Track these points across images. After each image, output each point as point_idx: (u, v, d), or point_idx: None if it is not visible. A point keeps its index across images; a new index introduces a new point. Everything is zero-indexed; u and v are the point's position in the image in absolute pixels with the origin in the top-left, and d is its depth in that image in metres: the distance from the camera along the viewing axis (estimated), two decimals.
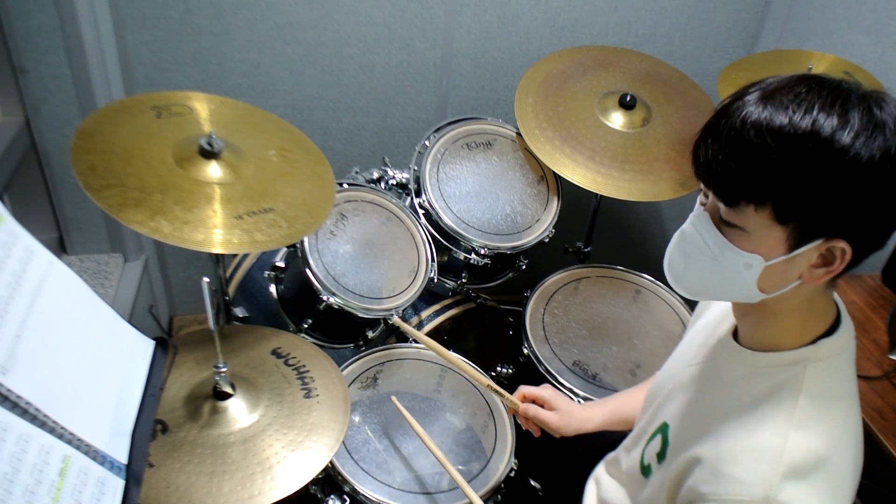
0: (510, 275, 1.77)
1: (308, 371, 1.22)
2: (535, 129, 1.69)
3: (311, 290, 1.40)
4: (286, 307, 1.51)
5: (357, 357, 1.49)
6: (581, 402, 1.47)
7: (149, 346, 0.91)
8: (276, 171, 1.30)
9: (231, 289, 1.61)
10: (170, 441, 1.04)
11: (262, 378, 1.18)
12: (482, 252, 1.61)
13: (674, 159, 1.69)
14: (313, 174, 1.35)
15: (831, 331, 0.82)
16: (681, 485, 0.85)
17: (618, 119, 1.72)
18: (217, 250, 1.11)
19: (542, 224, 1.68)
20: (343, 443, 1.24)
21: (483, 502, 1.20)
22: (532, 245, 1.66)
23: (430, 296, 1.72)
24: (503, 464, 1.35)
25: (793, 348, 0.82)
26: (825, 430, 0.77)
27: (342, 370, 1.44)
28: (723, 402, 0.86)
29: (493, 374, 1.69)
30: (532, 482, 1.38)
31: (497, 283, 1.77)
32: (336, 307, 1.40)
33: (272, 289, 1.51)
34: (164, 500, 0.96)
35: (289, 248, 1.48)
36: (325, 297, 1.39)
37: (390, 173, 1.71)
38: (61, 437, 0.70)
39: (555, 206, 1.71)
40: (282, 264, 1.48)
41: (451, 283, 1.70)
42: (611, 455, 1.17)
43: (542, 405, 1.24)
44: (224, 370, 1.08)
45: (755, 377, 0.84)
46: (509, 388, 1.66)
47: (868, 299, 1.57)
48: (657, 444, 0.96)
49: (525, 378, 1.61)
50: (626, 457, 1.08)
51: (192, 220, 1.11)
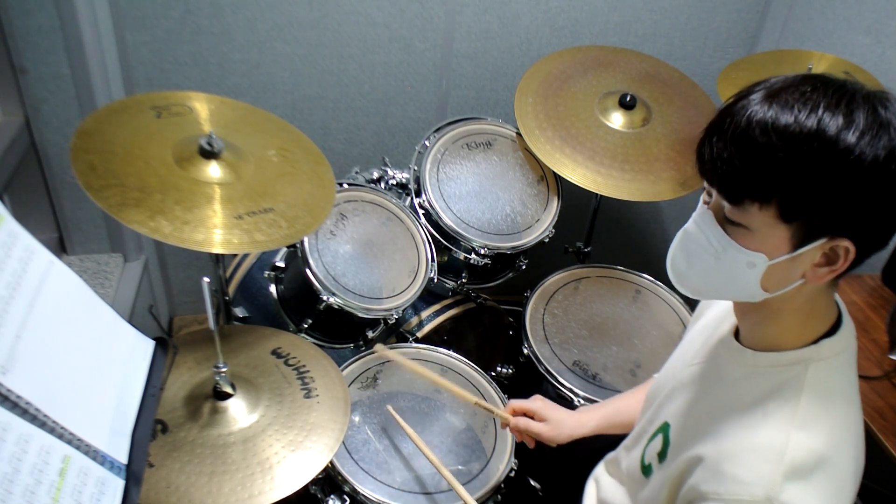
0: (510, 275, 1.77)
1: (308, 371, 1.22)
2: (535, 129, 1.69)
3: (311, 290, 1.40)
4: (286, 307, 1.51)
5: (357, 357, 1.49)
6: (581, 402, 1.47)
7: (149, 346, 0.91)
8: (276, 171, 1.30)
9: (231, 289, 1.61)
10: (170, 441, 1.04)
11: (262, 378, 1.18)
12: (482, 252, 1.61)
13: (674, 159, 1.69)
14: (313, 174, 1.35)
15: (832, 331, 0.82)
16: (682, 484, 0.85)
17: (618, 119, 1.72)
18: (217, 250, 1.11)
19: (542, 224, 1.68)
20: (343, 443, 1.24)
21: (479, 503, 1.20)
22: (532, 245, 1.66)
23: (430, 296, 1.72)
24: (503, 464, 1.35)
25: (794, 348, 0.82)
26: (827, 430, 0.77)
27: (342, 370, 1.44)
28: (724, 401, 0.86)
29: (493, 374, 1.69)
30: (532, 482, 1.38)
31: (497, 283, 1.77)
32: (336, 307, 1.40)
33: (272, 289, 1.51)
34: (164, 500, 0.96)
35: (289, 248, 1.48)
36: (325, 297, 1.39)
37: (390, 173, 1.71)
38: (61, 437, 0.70)
39: (555, 206, 1.71)
40: (282, 264, 1.48)
41: (451, 283, 1.70)
42: (611, 455, 1.17)
43: (532, 417, 1.24)
44: (224, 370, 1.08)
45: (756, 377, 0.84)
46: (510, 388, 1.67)
47: (868, 299, 1.57)
48: (658, 443, 0.96)
49: (525, 378, 1.61)
50: (627, 456, 1.08)
51: (192, 220, 1.11)
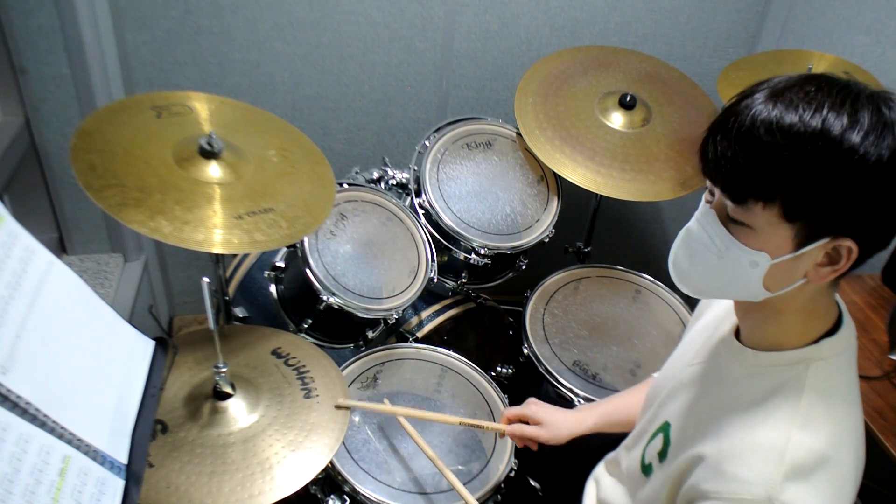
0: (510, 275, 1.77)
1: (308, 371, 1.22)
2: (535, 129, 1.69)
3: (311, 290, 1.40)
4: (286, 307, 1.51)
5: (357, 357, 1.49)
6: (581, 402, 1.47)
7: (149, 346, 0.91)
8: (276, 171, 1.30)
9: (231, 289, 1.61)
10: (170, 441, 1.04)
11: (262, 378, 1.18)
12: (482, 252, 1.61)
13: (674, 159, 1.69)
14: (313, 174, 1.35)
15: (833, 330, 0.82)
16: (682, 483, 0.85)
17: (618, 119, 1.72)
18: (217, 250, 1.11)
19: (542, 224, 1.68)
20: (343, 443, 1.24)
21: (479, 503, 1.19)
22: (532, 245, 1.66)
23: (430, 296, 1.72)
24: (503, 464, 1.35)
25: (795, 347, 0.82)
26: (828, 429, 0.77)
27: (342, 370, 1.44)
28: (725, 401, 0.86)
29: (493, 374, 1.69)
30: (532, 482, 1.38)
31: (497, 283, 1.77)
32: (336, 307, 1.40)
33: (272, 289, 1.51)
34: (164, 500, 0.96)
35: (289, 248, 1.48)
36: (325, 297, 1.39)
37: (390, 173, 1.71)
38: (61, 437, 0.70)
39: (555, 206, 1.71)
40: (282, 264, 1.48)
41: (451, 283, 1.70)
42: (611, 455, 1.17)
43: (527, 422, 1.24)
44: (224, 370, 1.08)
45: (757, 376, 0.84)
46: (509, 388, 1.67)
47: (868, 299, 1.57)
48: (658, 443, 0.96)
49: (525, 378, 1.61)
50: (627, 456, 1.08)
51: (192, 220, 1.11)
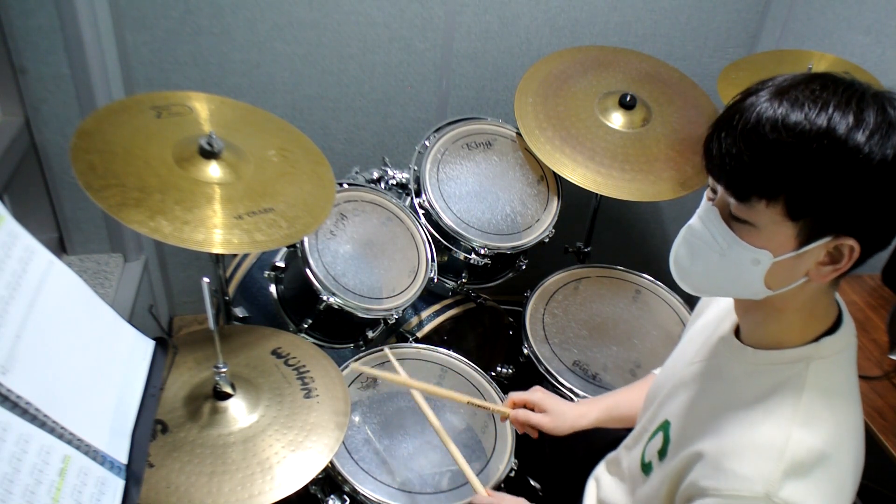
0: (510, 275, 1.77)
1: (308, 371, 1.22)
2: (535, 129, 1.69)
3: (311, 290, 1.40)
4: (286, 307, 1.51)
5: (357, 357, 1.49)
6: (576, 400, 1.47)
7: (149, 346, 0.91)
8: (276, 171, 1.30)
9: (231, 289, 1.61)
10: (170, 441, 1.04)
11: (262, 378, 1.18)
12: (482, 252, 1.61)
13: (674, 159, 1.69)
14: (313, 174, 1.35)
15: (833, 329, 0.83)
16: (681, 480, 0.85)
17: (618, 119, 1.72)
18: (217, 250, 1.11)
19: (542, 224, 1.68)
20: (343, 443, 1.24)
21: (478, 480, 1.18)
22: (532, 245, 1.66)
23: (430, 296, 1.72)
24: (503, 464, 1.35)
25: (795, 346, 0.82)
26: (828, 427, 0.77)
27: (342, 370, 1.44)
28: (725, 399, 0.86)
29: (493, 374, 1.69)
30: (532, 482, 1.38)
31: (497, 283, 1.77)
32: (336, 307, 1.40)
33: (272, 289, 1.51)
34: (164, 500, 0.96)
35: (289, 248, 1.48)
36: (325, 297, 1.39)
37: (390, 173, 1.71)
38: (61, 437, 0.70)
39: (555, 206, 1.71)
40: (282, 264, 1.48)
41: (451, 283, 1.70)
42: (611, 454, 1.17)
43: (532, 409, 1.24)
44: (224, 370, 1.08)
45: (757, 374, 0.84)
46: (510, 388, 1.67)
47: (868, 299, 1.57)
48: (658, 441, 0.96)
49: (525, 378, 1.61)
50: (627, 455, 1.08)
51: (192, 220, 1.11)
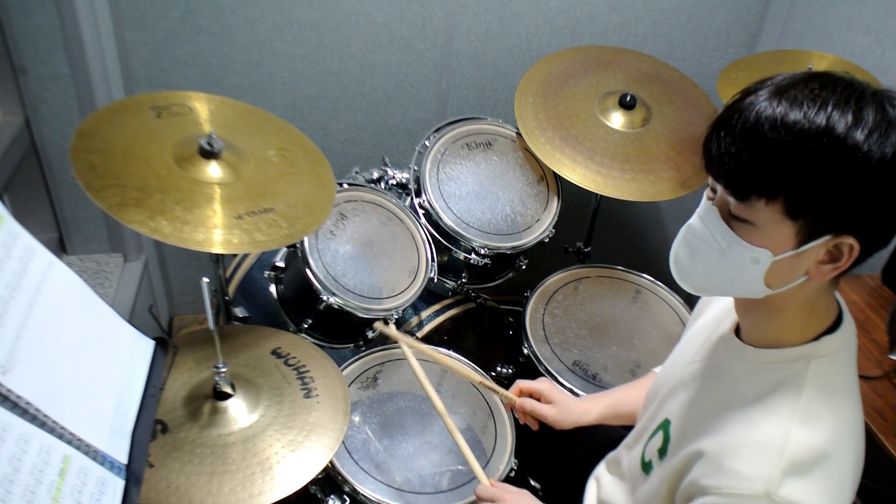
0: (510, 275, 1.77)
1: (308, 371, 1.22)
2: (535, 129, 1.69)
3: (311, 290, 1.40)
4: (286, 307, 1.51)
5: (357, 357, 1.49)
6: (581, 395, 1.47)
7: (149, 346, 0.91)
8: (276, 171, 1.30)
9: (231, 289, 1.61)
10: (170, 441, 1.04)
11: (262, 378, 1.18)
12: (482, 252, 1.61)
13: (674, 159, 1.69)
14: (313, 174, 1.35)
15: (833, 328, 0.83)
16: (681, 479, 0.85)
17: (618, 119, 1.72)
18: (217, 250, 1.11)
19: (542, 224, 1.68)
20: (343, 443, 1.24)
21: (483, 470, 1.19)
22: (532, 245, 1.66)
23: (430, 296, 1.72)
24: (503, 464, 1.35)
25: (796, 345, 0.82)
26: (828, 426, 0.77)
27: (342, 370, 1.44)
28: (725, 397, 0.86)
29: (493, 374, 1.69)
30: (532, 482, 1.38)
31: (497, 283, 1.77)
32: (336, 307, 1.40)
33: (272, 289, 1.51)
34: (164, 500, 0.96)
35: (289, 248, 1.48)
36: (325, 297, 1.39)
37: (390, 173, 1.71)
38: (61, 437, 0.70)
39: (555, 206, 1.71)
40: (282, 264, 1.48)
41: (451, 283, 1.70)
42: (612, 454, 1.17)
43: (538, 399, 1.25)
44: (224, 370, 1.08)
45: (758, 373, 0.84)
46: (509, 388, 1.66)
47: (868, 299, 1.57)
48: (658, 440, 0.96)
49: (525, 378, 1.61)
50: (627, 455, 1.08)
51: (192, 220, 1.11)
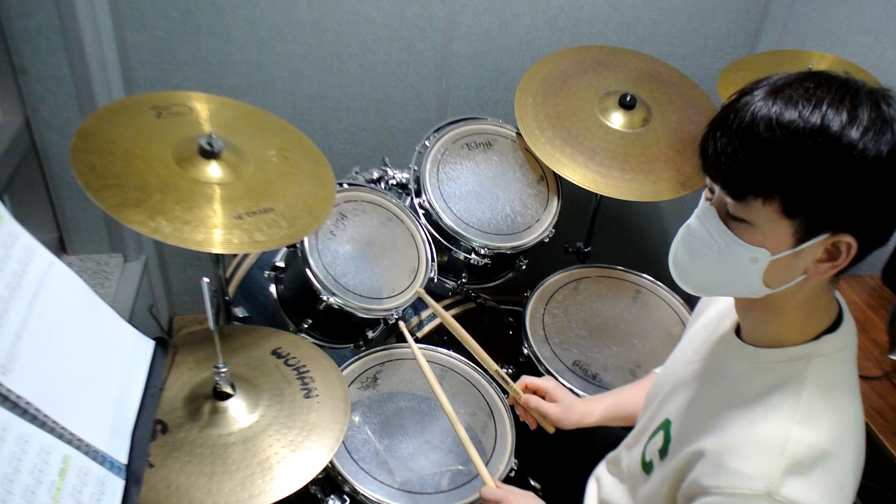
0: (510, 275, 1.77)
1: (308, 371, 1.22)
2: (535, 129, 1.69)
3: (311, 290, 1.40)
4: (286, 307, 1.51)
5: (357, 357, 1.49)
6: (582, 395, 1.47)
7: (149, 346, 0.91)
8: (276, 171, 1.30)
9: (231, 289, 1.61)
10: (170, 441, 1.04)
11: (262, 378, 1.18)
12: (482, 252, 1.61)
13: (674, 159, 1.69)
14: (313, 174, 1.35)
15: (833, 327, 0.83)
16: (683, 479, 0.85)
17: (618, 119, 1.72)
18: (217, 250, 1.11)
19: (542, 224, 1.68)
20: (343, 443, 1.24)
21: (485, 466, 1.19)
22: (532, 245, 1.66)
23: (430, 296, 1.72)
24: (503, 464, 1.35)
25: (796, 344, 0.82)
26: (829, 425, 0.77)
27: (342, 370, 1.44)
28: (726, 397, 0.86)
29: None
30: (532, 482, 1.38)
31: (497, 283, 1.77)
32: (336, 307, 1.40)
33: (272, 289, 1.51)
34: (164, 500, 0.96)
35: (289, 248, 1.48)
36: (325, 297, 1.39)
37: (390, 173, 1.71)
38: (61, 437, 0.70)
39: (555, 206, 1.71)
40: (282, 264, 1.48)
41: (451, 283, 1.70)
42: (612, 454, 1.17)
43: (543, 396, 1.25)
44: (224, 370, 1.08)
45: (758, 372, 0.84)
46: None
47: (868, 299, 1.57)
48: (659, 440, 0.96)
49: None
50: (628, 455, 1.08)
51: (192, 220, 1.11)
